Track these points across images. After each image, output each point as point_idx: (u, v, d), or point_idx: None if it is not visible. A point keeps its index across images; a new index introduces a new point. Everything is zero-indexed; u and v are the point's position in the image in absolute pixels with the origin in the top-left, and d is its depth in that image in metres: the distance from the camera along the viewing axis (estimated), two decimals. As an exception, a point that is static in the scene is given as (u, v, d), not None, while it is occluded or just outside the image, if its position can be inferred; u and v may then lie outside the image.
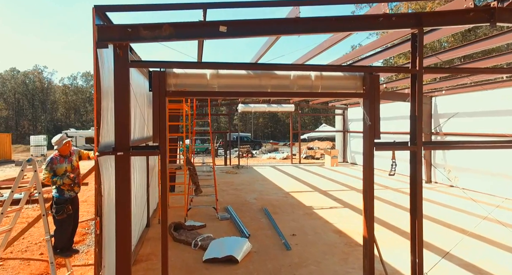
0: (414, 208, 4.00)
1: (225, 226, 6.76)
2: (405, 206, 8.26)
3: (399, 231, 6.32)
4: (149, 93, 6.47)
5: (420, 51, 3.86)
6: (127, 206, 3.50)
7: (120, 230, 3.50)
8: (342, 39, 5.23)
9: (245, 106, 16.88)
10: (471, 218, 7.23)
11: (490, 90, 9.81)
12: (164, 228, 3.68)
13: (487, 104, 9.72)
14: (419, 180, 3.98)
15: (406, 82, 10.93)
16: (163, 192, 3.88)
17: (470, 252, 5.17)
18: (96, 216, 3.36)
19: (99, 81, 3.43)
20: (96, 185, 3.41)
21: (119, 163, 3.50)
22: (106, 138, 3.80)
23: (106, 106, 3.72)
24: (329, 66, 3.91)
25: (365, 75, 3.95)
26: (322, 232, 6.31)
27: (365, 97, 3.95)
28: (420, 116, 3.96)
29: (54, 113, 60.01)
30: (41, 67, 60.67)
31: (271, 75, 3.88)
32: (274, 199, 9.21)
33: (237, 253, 4.97)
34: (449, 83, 9.89)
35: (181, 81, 3.75)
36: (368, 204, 3.98)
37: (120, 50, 3.45)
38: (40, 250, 5.33)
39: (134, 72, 5.45)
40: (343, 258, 5.08)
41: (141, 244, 5.67)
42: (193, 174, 7.66)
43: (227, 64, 3.70)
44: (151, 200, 7.16)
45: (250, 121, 58.04)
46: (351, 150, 18.77)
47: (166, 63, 3.63)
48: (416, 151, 3.95)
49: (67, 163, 4.38)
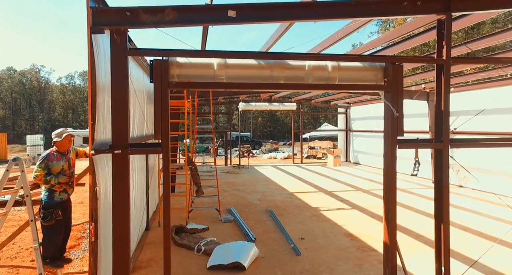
0: (439, 212, 3.66)
1: (229, 229, 6.41)
2: (417, 208, 7.93)
3: (414, 235, 5.98)
4: (149, 89, 6.20)
5: (447, 39, 3.52)
6: (125, 209, 3.15)
7: (117, 236, 3.15)
8: (356, 30, 4.89)
9: (246, 105, 16.51)
10: (486, 220, 6.91)
11: (496, 88, 9.49)
12: (167, 232, 3.33)
13: (494, 101, 9.37)
14: (446, 181, 3.62)
15: (413, 78, 10.60)
16: (166, 193, 3.51)
17: (495, 259, 4.83)
18: (90, 221, 3.00)
19: (94, 70, 3.08)
20: (91, 186, 3.05)
21: (116, 162, 3.15)
22: (103, 135, 3.44)
23: (102, 100, 3.36)
24: (347, 55, 3.56)
25: (386, 65, 3.60)
26: (332, 235, 5.97)
27: (387, 90, 3.60)
28: (447, 110, 3.61)
29: (51, 113, 59.48)
30: (38, 66, 60.27)
31: (283, 65, 3.53)
32: (278, 200, 8.86)
33: (244, 259, 4.61)
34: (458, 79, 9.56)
35: (185, 71, 3.40)
36: (389, 207, 3.62)
37: (117, 36, 3.10)
38: (31, 257, 4.95)
39: (133, 66, 5.09)
40: (357, 264, 4.73)
41: (140, 249, 5.31)
42: (195, 174, 7.30)
43: (236, 52, 3.35)
44: (151, 202, 6.80)
45: (249, 120, 57.72)
46: (354, 149, 18.45)
47: (168, 51, 3.28)
48: (443, 149, 3.61)
49: (64, 161, 4.02)
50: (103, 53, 3.41)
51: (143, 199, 5.92)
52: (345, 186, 11.26)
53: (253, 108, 16.93)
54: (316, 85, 3.58)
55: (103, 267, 3.31)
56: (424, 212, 7.55)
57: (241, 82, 3.47)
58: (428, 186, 10.78)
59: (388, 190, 3.66)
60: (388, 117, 3.64)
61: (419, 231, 6.15)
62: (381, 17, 3.54)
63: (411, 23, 4.60)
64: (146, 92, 5.94)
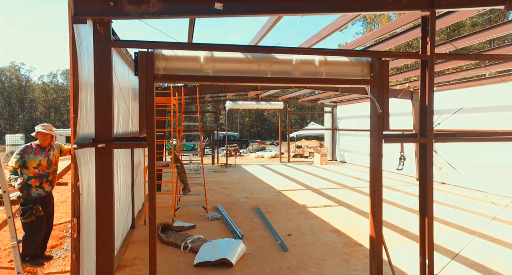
0: (424, 207, 3.71)
1: (216, 226, 6.36)
2: (401, 205, 8.07)
3: (399, 230, 6.08)
4: (134, 86, 6.08)
5: (432, 35, 3.57)
6: (109, 205, 3.06)
7: (101, 234, 3.06)
8: (342, 26, 4.93)
9: (233, 103, 16.46)
10: (466, 215, 7.09)
11: (476, 87, 9.73)
12: (152, 229, 3.26)
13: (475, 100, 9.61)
14: (430, 176, 3.68)
15: (398, 77, 10.78)
16: (151, 190, 3.44)
17: (476, 251, 4.95)
18: (72, 218, 2.91)
19: (76, 62, 2.98)
20: (73, 181, 2.96)
21: (100, 156, 3.06)
22: (86, 129, 3.34)
23: (85, 94, 3.27)
24: (334, 50, 3.57)
25: (373, 60, 3.63)
26: (319, 231, 5.99)
27: (373, 84, 3.63)
28: (431, 106, 3.67)
29: (32, 112, 57.75)
30: (18, 64, 58.26)
31: (271, 59, 3.51)
32: (266, 198, 8.85)
33: (231, 256, 4.58)
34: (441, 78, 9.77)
35: (171, 64, 3.33)
36: (375, 201, 3.66)
37: (100, 27, 3.02)
38: (9, 257, 4.77)
39: (118, 62, 4.98)
40: (344, 259, 4.76)
41: (125, 248, 5.20)
42: (181, 172, 7.21)
43: (223, 45, 3.31)
44: (136, 200, 6.68)
45: (236, 120, 57.55)
46: (340, 148, 18.64)
47: (154, 43, 3.20)
48: (427, 143, 3.66)
49: (43, 156, 3.86)
50: (86, 45, 3.32)
51: (128, 197, 5.81)
52: (332, 184, 11.36)
53: (240, 107, 16.89)
54: (303, 79, 3.57)
55: (86, 266, 3.21)
56: (409, 208, 7.68)
57: (228, 76, 3.43)
58: (412, 183, 10.98)
59: (374, 184, 3.69)
60: (374, 112, 3.67)
61: (404, 226, 6.26)
62: (368, 12, 3.56)
63: (396, 21, 4.67)
64: (131, 89, 5.82)
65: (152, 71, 3.18)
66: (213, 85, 12.39)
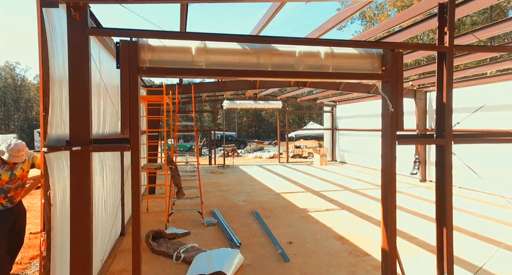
0: (441, 215, 3.33)
1: (212, 233, 5.96)
2: (406, 208, 7.69)
3: (406, 236, 5.69)
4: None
5: (451, 24, 3.20)
6: (86, 218, 2.66)
7: (75, 249, 2.66)
8: (348, 18, 4.54)
9: (230, 103, 16.06)
10: (479, 220, 6.72)
11: (494, 83, 9.28)
12: (136, 243, 2.86)
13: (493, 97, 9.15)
14: (449, 181, 3.30)
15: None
16: (135, 197, 3.04)
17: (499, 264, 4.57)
18: (41, 232, 2.51)
19: (46, 52, 2.58)
20: (43, 191, 2.56)
21: (75, 161, 2.66)
22: (61, 129, 2.95)
23: (60, 89, 2.87)
24: (342, 41, 3.18)
25: (384, 52, 3.26)
26: (322, 238, 5.61)
27: (385, 79, 3.25)
28: (449, 103, 3.30)
29: (28, 112, 57.08)
30: (13, 63, 57.63)
31: (271, 51, 3.13)
32: (264, 201, 8.46)
33: (227, 268, 4.18)
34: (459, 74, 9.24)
35: (158, 56, 2.94)
36: (388, 210, 3.27)
37: (75, 12, 2.61)
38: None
39: (105, 56, 4.58)
40: (351, 271, 4.38)
41: (113, 258, 4.79)
42: (175, 174, 6.81)
43: (217, 35, 2.91)
44: (127, 205, 6.27)
45: (234, 120, 57.10)
46: (340, 148, 18.27)
47: (138, 31, 2.81)
48: (445, 145, 3.29)
49: (4, 170, 3.49)
50: (60, 34, 2.92)
51: (117, 203, 5.40)
52: (333, 185, 10.98)
53: (238, 106, 16.49)
54: (308, 73, 3.19)
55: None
56: (415, 212, 7.31)
57: (223, 69, 3.04)
58: (415, 185, 10.61)
59: (386, 191, 3.31)
60: (386, 111, 3.30)
61: (412, 232, 5.88)
62: (379, -1, 3.20)
63: (411, 10, 4.28)
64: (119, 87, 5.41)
65: (136, 63, 2.78)
66: (209, 83, 11.99)
